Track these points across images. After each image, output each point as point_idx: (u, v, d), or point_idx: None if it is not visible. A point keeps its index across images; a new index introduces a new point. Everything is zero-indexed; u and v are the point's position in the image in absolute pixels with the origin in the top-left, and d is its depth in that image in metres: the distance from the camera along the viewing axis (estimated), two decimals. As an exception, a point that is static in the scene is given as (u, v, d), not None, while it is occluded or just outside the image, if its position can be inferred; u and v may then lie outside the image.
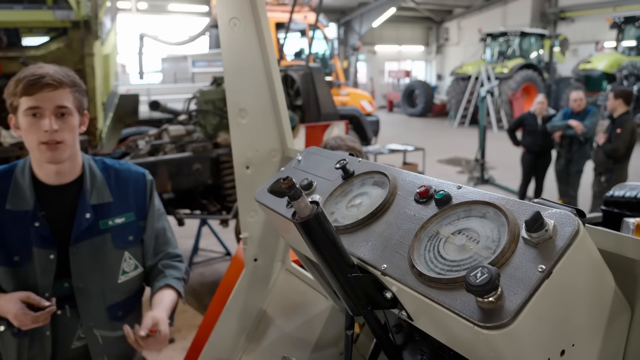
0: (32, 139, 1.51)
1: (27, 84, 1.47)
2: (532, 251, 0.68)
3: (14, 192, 1.57)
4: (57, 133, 1.50)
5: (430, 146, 12.29)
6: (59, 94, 1.50)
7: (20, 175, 1.59)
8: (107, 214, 1.65)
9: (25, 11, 4.27)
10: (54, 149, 1.51)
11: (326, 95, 5.86)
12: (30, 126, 1.50)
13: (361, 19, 23.20)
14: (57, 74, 1.51)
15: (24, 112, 1.49)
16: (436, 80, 27.83)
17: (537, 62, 18.44)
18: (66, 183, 1.62)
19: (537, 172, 7.28)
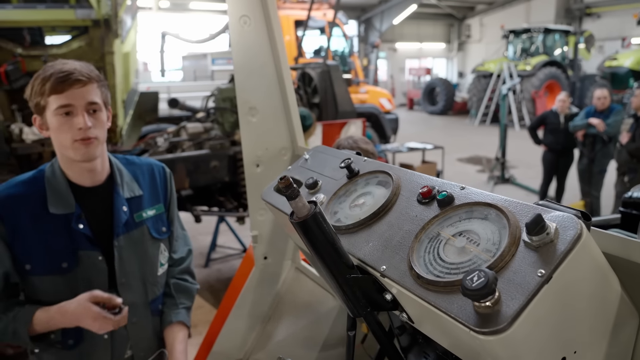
0: (66, 138, 1.45)
1: (55, 82, 1.41)
2: (532, 255, 0.67)
3: (53, 196, 1.51)
4: (90, 130, 1.45)
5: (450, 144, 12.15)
6: (88, 90, 1.45)
7: (53, 178, 1.53)
8: (140, 207, 1.64)
9: (48, 10, 4.34)
10: (88, 145, 1.46)
11: (344, 93, 5.84)
12: (63, 125, 1.44)
13: (382, 16, 23.06)
14: (84, 69, 1.46)
15: (54, 111, 1.43)
16: (457, 78, 27.50)
17: (561, 59, 18.06)
18: (100, 184, 1.58)
19: (559, 171, 7.13)
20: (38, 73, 1.46)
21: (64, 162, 1.54)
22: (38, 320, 1.47)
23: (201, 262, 6.01)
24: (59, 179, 1.53)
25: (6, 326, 1.47)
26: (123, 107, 5.13)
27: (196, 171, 4.93)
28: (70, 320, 1.44)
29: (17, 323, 1.46)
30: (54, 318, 1.46)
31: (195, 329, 4.51)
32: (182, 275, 1.78)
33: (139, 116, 5.93)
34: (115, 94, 4.72)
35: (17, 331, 1.46)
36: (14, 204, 1.47)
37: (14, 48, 4.24)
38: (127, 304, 1.57)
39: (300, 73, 6.02)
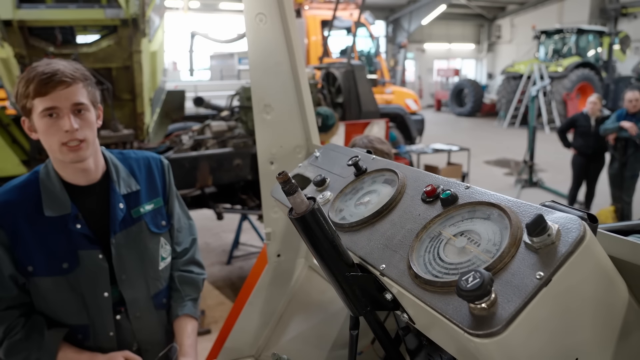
0: (53, 141, 1.43)
1: (39, 84, 1.38)
2: (532, 257, 0.64)
3: (48, 198, 1.50)
4: (77, 131, 1.43)
5: (478, 147, 11.97)
6: (73, 91, 1.42)
7: (47, 180, 1.52)
8: (137, 202, 1.64)
9: (79, 10, 4.44)
10: (76, 149, 1.44)
11: (368, 93, 5.81)
12: (49, 128, 1.41)
13: (410, 16, 22.87)
14: (67, 69, 1.42)
15: (40, 113, 1.40)
16: (487, 79, 27.06)
17: (594, 60, 17.57)
18: (95, 182, 1.58)
19: (589, 175, 6.94)
20: (22, 75, 1.44)
21: (57, 163, 1.52)
22: (62, 358, 1.51)
23: (223, 259, 6.08)
24: (53, 180, 1.52)
25: (29, 355, 1.49)
26: (150, 105, 5.22)
27: (219, 169, 4.98)
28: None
29: (42, 355, 1.49)
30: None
31: (215, 325, 4.57)
32: (186, 267, 1.79)
33: (165, 114, 6.03)
34: (143, 92, 4.80)
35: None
36: (10, 209, 1.47)
37: (46, 47, 4.35)
38: (129, 299, 1.61)
39: (325, 73, 6.02)
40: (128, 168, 1.66)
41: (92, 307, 1.56)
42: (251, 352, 1.79)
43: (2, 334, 1.49)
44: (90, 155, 1.51)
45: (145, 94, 4.89)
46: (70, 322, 1.56)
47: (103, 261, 1.55)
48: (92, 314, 1.56)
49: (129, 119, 4.95)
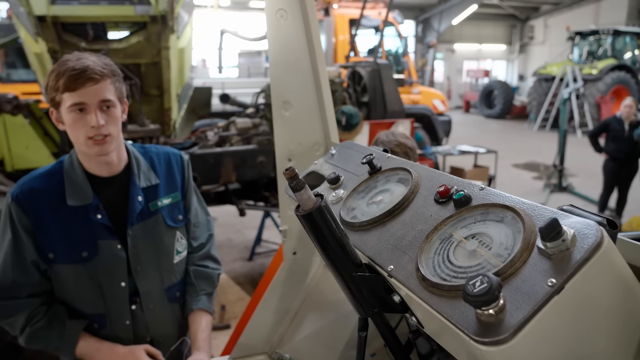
0: (79, 134, 1.47)
1: (69, 79, 1.41)
2: (545, 262, 0.61)
3: (71, 188, 1.54)
4: (103, 127, 1.47)
5: (506, 149, 11.76)
6: (101, 87, 1.45)
7: (71, 170, 1.56)
8: (155, 196, 1.66)
9: (110, 6, 4.53)
10: (101, 143, 1.48)
11: (393, 92, 5.75)
12: (76, 122, 1.45)
13: (440, 16, 22.59)
14: (97, 66, 1.45)
15: (68, 108, 1.44)
16: (517, 81, 26.52)
17: (631, 63, 17.01)
18: (117, 174, 1.61)
19: (621, 181, 6.73)
20: (53, 67, 1.47)
21: (81, 155, 1.57)
22: (83, 347, 1.55)
23: (245, 256, 6.12)
24: (76, 170, 1.55)
25: (50, 343, 1.54)
26: (177, 101, 5.29)
27: (243, 165, 5.01)
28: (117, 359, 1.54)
29: (63, 344, 1.53)
30: (101, 351, 1.55)
31: (235, 320, 4.60)
32: (202, 262, 1.80)
33: (192, 110, 6.10)
34: (170, 88, 4.86)
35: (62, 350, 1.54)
36: (35, 196, 1.51)
37: (78, 42, 4.45)
38: (143, 290, 1.63)
39: (351, 71, 5.98)
40: (149, 162, 1.68)
41: (109, 297, 1.59)
42: (264, 349, 1.79)
43: (24, 321, 1.53)
44: (114, 149, 1.55)
45: (172, 90, 4.95)
46: (87, 310, 1.59)
47: (121, 251, 1.58)
48: (109, 303, 1.59)
49: (156, 114, 5.02)
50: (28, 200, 1.51)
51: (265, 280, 2.17)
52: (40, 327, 1.53)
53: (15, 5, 4.49)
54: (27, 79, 10.20)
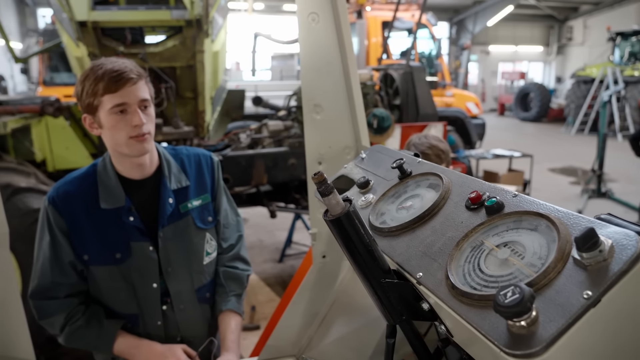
0: (121, 135, 1.49)
1: (109, 81, 1.44)
2: (580, 274, 0.59)
3: (104, 191, 1.57)
4: (145, 125, 1.50)
5: (542, 153, 11.45)
6: (139, 87, 1.49)
7: (104, 173, 1.59)
8: (186, 197, 1.67)
9: (147, 11, 4.64)
10: (142, 141, 1.51)
11: (426, 95, 5.69)
12: (118, 123, 1.48)
13: (475, 17, 22.23)
14: (133, 67, 1.49)
15: (109, 110, 1.47)
16: (555, 83, 25.82)
17: (676, 64, 16.33)
18: (149, 176, 1.63)
19: (665, 188, 6.45)
20: (87, 73, 1.48)
21: (116, 158, 1.59)
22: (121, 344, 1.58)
23: (276, 257, 6.16)
24: (109, 173, 1.58)
25: (89, 342, 1.58)
26: (211, 103, 5.38)
27: (275, 168, 5.05)
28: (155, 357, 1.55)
29: (101, 342, 1.57)
30: (139, 348, 1.57)
31: (265, 321, 4.63)
32: (232, 263, 1.81)
33: (226, 113, 6.19)
34: (204, 90, 4.94)
35: (100, 348, 1.59)
36: (70, 199, 1.55)
37: (117, 46, 4.58)
38: (173, 291, 1.65)
39: (383, 74, 5.95)
40: (179, 164, 1.70)
41: (142, 297, 1.62)
42: (293, 351, 1.79)
43: (64, 321, 1.57)
44: (151, 149, 1.58)
45: (206, 92, 5.03)
46: (121, 310, 1.63)
47: (153, 253, 1.61)
48: (142, 304, 1.62)
49: (190, 117, 5.11)
50: (63, 203, 1.55)
51: (294, 282, 2.18)
52: (78, 327, 1.57)
53: (59, 11, 4.66)
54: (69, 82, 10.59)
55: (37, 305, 1.58)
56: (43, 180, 3.84)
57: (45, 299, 1.57)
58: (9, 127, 3.66)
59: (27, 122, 4.01)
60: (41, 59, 11.01)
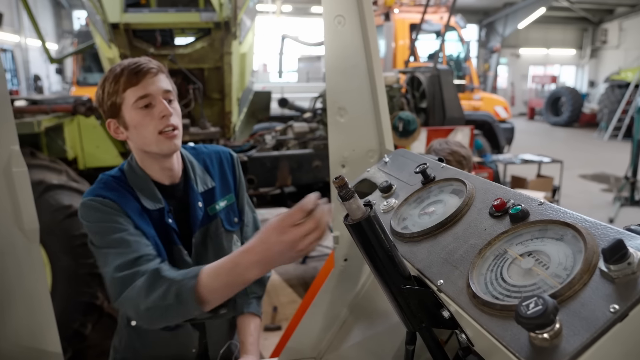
0: (148, 131, 1.40)
1: (130, 74, 1.38)
2: (607, 287, 0.57)
3: (143, 193, 1.47)
4: (172, 117, 1.42)
5: (573, 159, 11.19)
6: (160, 79, 1.43)
7: (136, 177, 1.50)
8: (213, 199, 1.62)
9: (177, 14, 4.73)
10: (172, 137, 1.42)
11: (453, 98, 5.62)
12: (143, 118, 1.40)
13: (505, 20, 21.87)
14: (153, 61, 1.44)
15: (133, 104, 1.39)
16: (587, 87, 25.18)
17: None
18: (178, 182, 1.56)
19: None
20: (105, 76, 1.43)
21: (145, 161, 1.50)
22: (207, 274, 1.17)
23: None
24: (142, 176, 1.49)
25: (167, 290, 1.22)
26: (237, 104, 5.44)
27: (299, 169, 5.06)
28: (262, 252, 1.08)
29: (181, 284, 1.21)
30: (242, 258, 1.12)
31: (287, 322, 4.64)
32: None
33: (252, 114, 6.25)
34: (231, 92, 5.00)
35: (182, 293, 1.19)
36: (122, 201, 1.43)
37: (147, 48, 4.67)
38: None
39: (409, 77, 5.91)
40: (202, 164, 1.65)
41: None
42: (312, 354, 1.79)
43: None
44: (180, 147, 1.49)
45: (233, 94, 5.09)
46: None
47: (187, 257, 1.55)
48: None
49: (217, 118, 5.18)
50: (121, 204, 1.42)
51: (315, 285, 2.18)
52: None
53: (93, 14, 4.79)
54: (101, 82, 10.84)
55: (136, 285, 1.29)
56: (74, 177, 3.94)
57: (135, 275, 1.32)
58: (43, 125, 3.77)
59: (60, 121, 4.13)
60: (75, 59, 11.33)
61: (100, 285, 3.90)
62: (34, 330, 1.47)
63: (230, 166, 1.71)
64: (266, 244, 1.06)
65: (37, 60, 16.58)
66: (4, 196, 1.40)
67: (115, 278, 1.31)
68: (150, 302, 1.23)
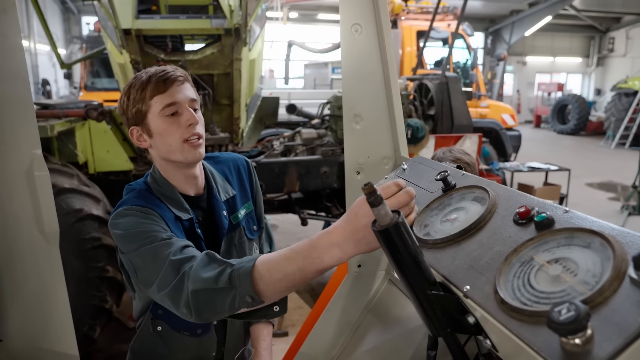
0: (174, 139, 1.38)
1: (157, 81, 1.36)
2: (638, 293, 0.58)
3: (171, 204, 1.44)
4: (198, 126, 1.40)
5: (580, 167, 11.16)
6: (187, 87, 1.42)
7: (161, 189, 1.46)
8: (235, 208, 1.60)
9: (188, 20, 4.78)
10: (197, 146, 1.40)
11: (461, 106, 5.63)
12: (170, 126, 1.38)
13: (512, 27, 21.91)
14: (179, 70, 1.42)
15: (160, 112, 1.37)
16: (594, 95, 25.13)
17: None
18: (202, 192, 1.54)
19: None
20: (131, 82, 1.40)
21: (168, 172, 1.47)
22: (266, 261, 1.05)
23: (305, 265, 6.18)
24: (167, 187, 1.46)
25: (222, 272, 1.10)
26: (246, 110, 5.47)
27: (307, 175, 5.09)
28: (349, 230, 0.93)
29: (237, 266, 1.09)
30: (321, 240, 0.97)
31: (293, 328, 4.65)
32: None
33: (259, 120, 6.28)
34: (240, 98, 5.04)
35: (236, 276, 1.07)
36: (160, 209, 1.40)
37: (158, 54, 4.72)
38: None
39: (418, 84, 5.93)
40: (221, 173, 1.63)
41: None
42: (326, 359, 1.80)
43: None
44: (204, 155, 1.47)
45: (242, 99, 5.13)
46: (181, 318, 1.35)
47: None
48: None
49: (225, 123, 5.21)
50: (160, 213, 1.38)
51: (327, 291, 2.19)
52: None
53: (104, 20, 4.84)
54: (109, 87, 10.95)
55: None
56: (85, 182, 3.97)
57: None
58: (55, 130, 3.81)
59: (71, 126, 4.17)
60: (83, 65, 11.44)
61: (109, 289, 3.92)
62: (52, 333, 1.49)
63: (247, 174, 1.70)
64: (354, 218, 0.92)
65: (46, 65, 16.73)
66: (25, 199, 1.42)
67: (172, 260, 1.20)
68: (200, 283, 1.11)
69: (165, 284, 1.20)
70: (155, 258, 1.26)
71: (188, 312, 1.16)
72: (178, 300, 1.17)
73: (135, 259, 1.33)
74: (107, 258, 3.85)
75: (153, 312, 1.54)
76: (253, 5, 4.67)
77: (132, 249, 1.32)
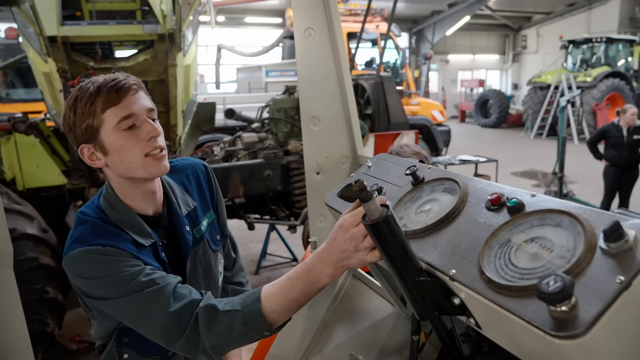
0: (134, 155, 1.23)
1: (109, 92, 1.20)
2: (610, 262, 0.66)
3: (131, 229, 1.29)
4: (159, 138, 1.27)
5: (504, 158, 11.85)
6: (142, 96, 1.26)
7: (118, 214, 1.31)
8: (197, 221, 1.47)
9: (118, 26, 4.60)
10: (161, 158, 1.26)
11: (396, 104, 5.84)
12: (128, 141, 1.22)
13: (434, 27, 22.93)
14: (131, 77, 1.26)
15: (115, 127, 1.21)
16: (512, 90, 26.81)
17: (625, 70, 17.27)
18: (161, 210, 1.40)
19: (623, 187, 6.81)
20: (76, 95, 1.23)
21: (126, 192, 1.32)
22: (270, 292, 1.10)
23: (252, 269, 6.13)
24: (126, 213, 1.31)
25: (232, 321, 1.12)
26: (182, 117, 5.35)
27: (251, 180, 5.06)
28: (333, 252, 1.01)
29: (244, 311, 1.11)
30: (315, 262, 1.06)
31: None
32: (238, 279, 1.72)
33: (196, 126, 6.16)
34: (176, 104, 4.92)
35: (249, 320, 1.10)
36: (123, 242, 1.26)
37: (87, 61, 4.51)
38: None
39: (353, 84, 6.07)
40: (180, 184, 1.49)
41: None
42: (296, 358, 1.82)
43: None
44: (168, 168, 1.32)
45: (178, 106, 5.01)
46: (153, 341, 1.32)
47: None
48: None
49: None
50: (130, 250, 1.26)
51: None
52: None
53: (25, 26, 4.56)
54: (27, 98, 10.29)
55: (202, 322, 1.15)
56: (15, 199, 3.73)
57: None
58: (-21, 146, 3.55)
59: (-5, 141, 3.90)
60: (-4, 75, 10.67)
61: (49, 312, 3.71)
62: (10, 355, 1.41)
63: (206, 180, 1.57)
64: (334, 243, 1.01)
65: (-48, 77, 15.41)
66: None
67: (171, 313, 1.16)
68: (216, 338, 1.13)
69: (171, 337, 1.18)
70: (142, 312, 1.19)
71: (208, 357, 1.18)
72: (194, 352, 1.18)
73: (114, 308, 1.23)
74: (46, 279, 3.64)
75: (118, 341, 1.40)
76: (186, 10, 4.58)
77: (104, 296, 1.22)
